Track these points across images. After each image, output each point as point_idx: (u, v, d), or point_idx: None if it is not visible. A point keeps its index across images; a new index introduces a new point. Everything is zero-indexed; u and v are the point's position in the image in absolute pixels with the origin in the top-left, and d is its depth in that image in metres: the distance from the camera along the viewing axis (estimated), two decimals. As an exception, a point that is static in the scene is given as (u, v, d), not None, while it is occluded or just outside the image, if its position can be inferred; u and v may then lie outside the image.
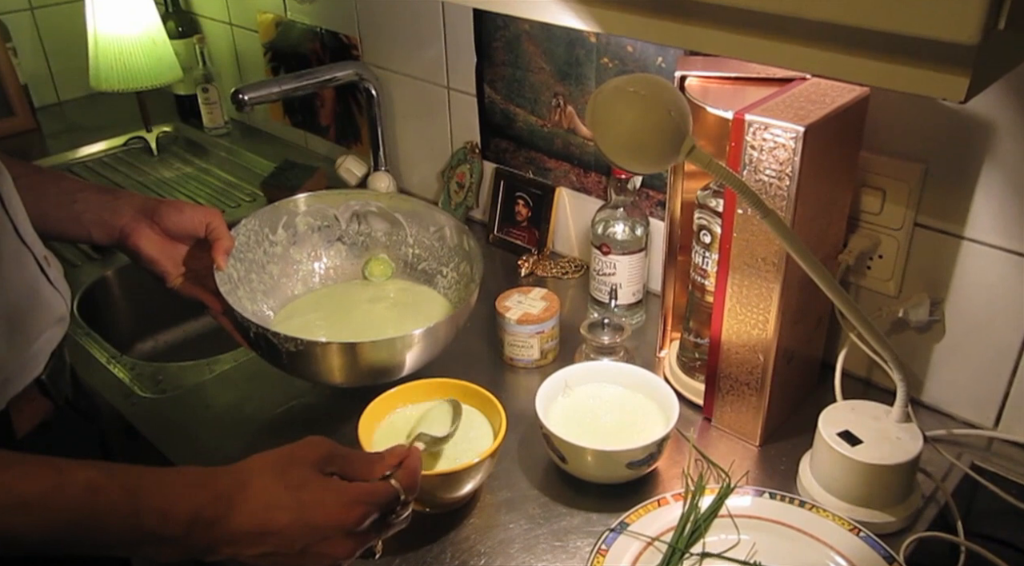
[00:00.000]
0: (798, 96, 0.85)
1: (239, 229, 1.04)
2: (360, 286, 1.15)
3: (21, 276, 0.79)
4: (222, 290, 0.95)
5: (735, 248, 0.88)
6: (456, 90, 1.41)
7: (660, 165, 0.73)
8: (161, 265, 0.94)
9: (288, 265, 1.12)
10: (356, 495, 0.66)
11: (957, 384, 0.98)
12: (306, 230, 1.13)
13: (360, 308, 1.10)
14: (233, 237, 0.99)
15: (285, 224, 1.11)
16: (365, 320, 1.08)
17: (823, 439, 0.85)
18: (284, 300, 1.11)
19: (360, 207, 1.14)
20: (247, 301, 1.04)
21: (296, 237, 1.12)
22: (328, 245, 1.15)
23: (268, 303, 1.08)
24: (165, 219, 0.94)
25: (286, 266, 1.12)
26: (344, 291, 1.14)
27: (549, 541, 0.85)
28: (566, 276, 1.32)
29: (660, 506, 0.86)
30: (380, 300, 1.12)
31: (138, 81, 1.69)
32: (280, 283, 1.11)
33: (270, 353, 0.92)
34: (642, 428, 0.92)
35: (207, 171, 1.76)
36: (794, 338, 0.94)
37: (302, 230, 1.13)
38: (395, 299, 1.12)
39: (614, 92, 0.69)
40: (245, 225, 1.06)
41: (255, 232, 1.08)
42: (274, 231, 1.10)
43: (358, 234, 1.16)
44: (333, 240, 1.15)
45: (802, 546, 0.81)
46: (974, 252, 0.91)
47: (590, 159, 1.26)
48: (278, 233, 1.10)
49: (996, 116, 0.85)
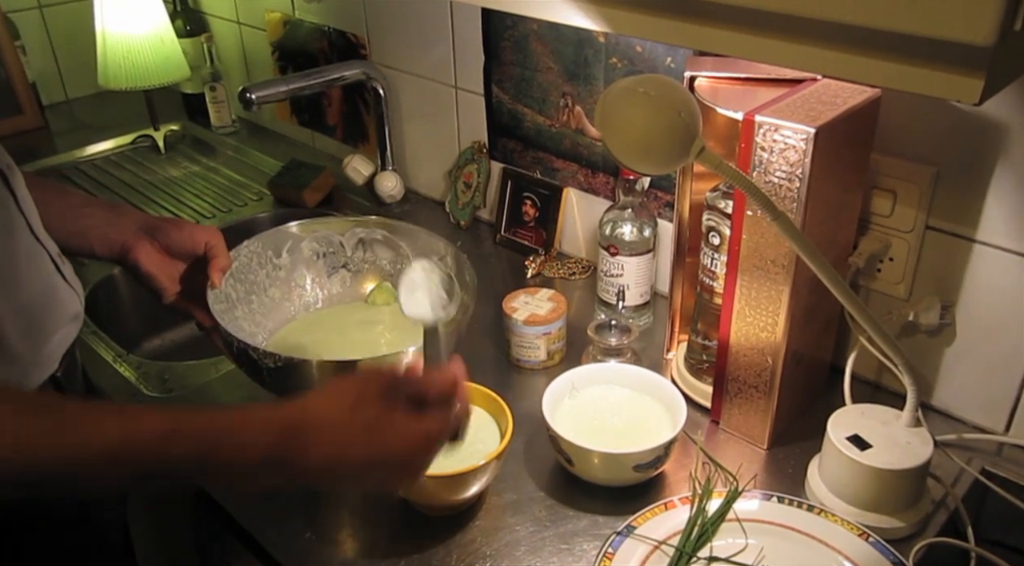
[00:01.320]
0: (809, 97, 0.84)
1: (240, 250, 1.04)
2: (359, 309, 1.14)
3: (38, 274, 0.81)
4: (218, 308, 0.95)
5: (744, 250, 0.88)
6: (464, 90, 1.41)
7: (669, 166, 0.72)
8: (158, 280, 0.95)
9: (290, 289, 1.12)
10: (427, 430, 0.67)
11: (968, 388, 0.97)
12: (310, 255, 1.12)
13: (356, 330, 1.10)
14: (232, 258, 1.00)
15: (290, 248, 1.10)
16: (360, 341, 1.07)
17: (832, 443, 0.85)
18: (282, 322, 1.10)
19: (366, 235, 1.14)
20: (245, 322, 1.03)
21: (299, 262, 1.12)
22: (332, 271, 1.14)
23: (266, 325, 1.08)
24: (165, 236, 0.96)
25: (288, 290, 1.11)
26: (342, 313, 1.13)
27: (555, 544, 0.84)
28: (573, 277, 1.31)
29: (667, 509, 0.85)
30: (377, 323, 1.10)
31: (146, 79, 1.69)
32: (281, 306, 1.10)
33: (252, 369, 0.91)
34: (649, 430, 0.92)
35: (214, 170, 1.76)
36: (803, 341, 0.93)
37: (306, 255, 1.12)
38: (391, 322, 1.10)
39: (623, 93, 0.68)
40: (248, 247, 1.06)
41: (258, 255, 1.07)
42: (278, 255, 1.09)
43: (363, 261, 1.15)
44: (338, 267, 1.14)
45: (810, 551, 0.80)
46: (985, 255, 0.90)
47: (598, 160, 1.26)
48: (282, 257, 1.10)
49: (1009, 118, 0.84)
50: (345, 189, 1.60)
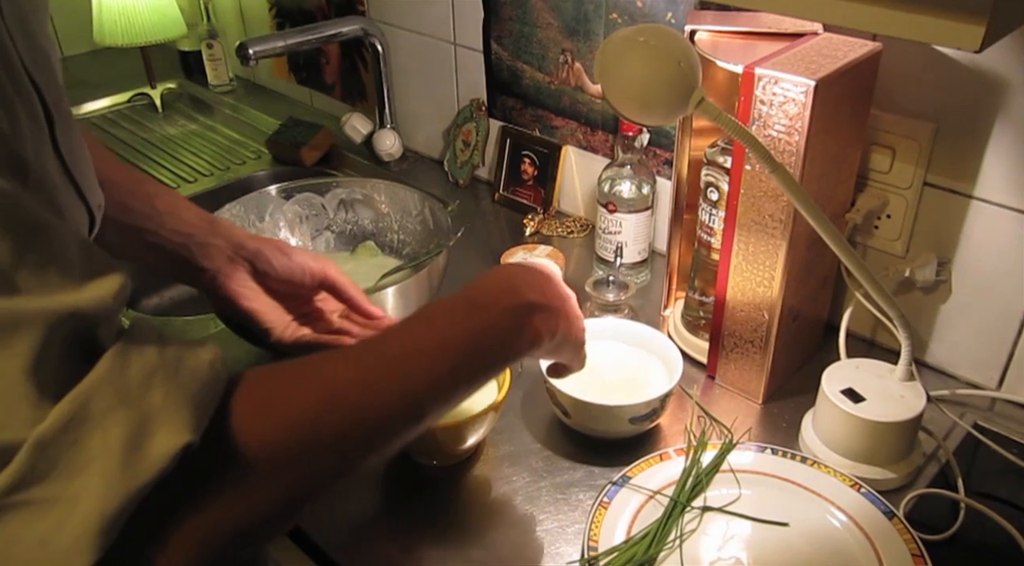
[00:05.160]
0: (809, 51, 0.84)
1: (221, 213, 1.02)
2: (343, 260, 1.14)
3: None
4: None
5: (742, 205, 0.88)
6: (463, 46, 1.39)
7: (669, 117, 0.72)
8: (264, 319, 0.84)
9: None
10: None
11: (962, 345, 0.98)
12: (293, 218, 1.12)
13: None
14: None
15: (272, 212, 1.09)
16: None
17: (826, 396, 0.86)
18: None
19: (347, 195, 1.14)
20: None
21: (283, 225, 1.11)
22: (317, 234, 1.14)
23: None
24: (267, 263, 0.84)
25: None
26: None
27: (552, 493, 0.85)
28: (571, 235, 1.31)
29: (662, 460, 0.86)
30: (365, 269, 1.11)
31: (142, 36, 1.68)
32: None
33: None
34: (646, 384, 0.92)
35: (212, 128, 1.75)
36: (799, 297, 0.93)
37: (289, 218, 1.12)
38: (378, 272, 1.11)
39: (623, 42, 0.68)
40: (228, 210, 1.04)
41: (240, 219, 1.06)
42: (261, 219, 1.08)
43: (345, 222, 1.15)
44: (321, 229, 1.14)
45: (802, 501, 0.82)
46: (983, 212, 0.91)
47: (597, 117, 1.25)
48: (265, 220, 1.09)
49: (1009, 72, 0.84)
50: (343, 147, 1.60)
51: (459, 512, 0.84)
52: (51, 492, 0.39)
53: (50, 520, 0.39)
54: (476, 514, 0.83)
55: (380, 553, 0.79)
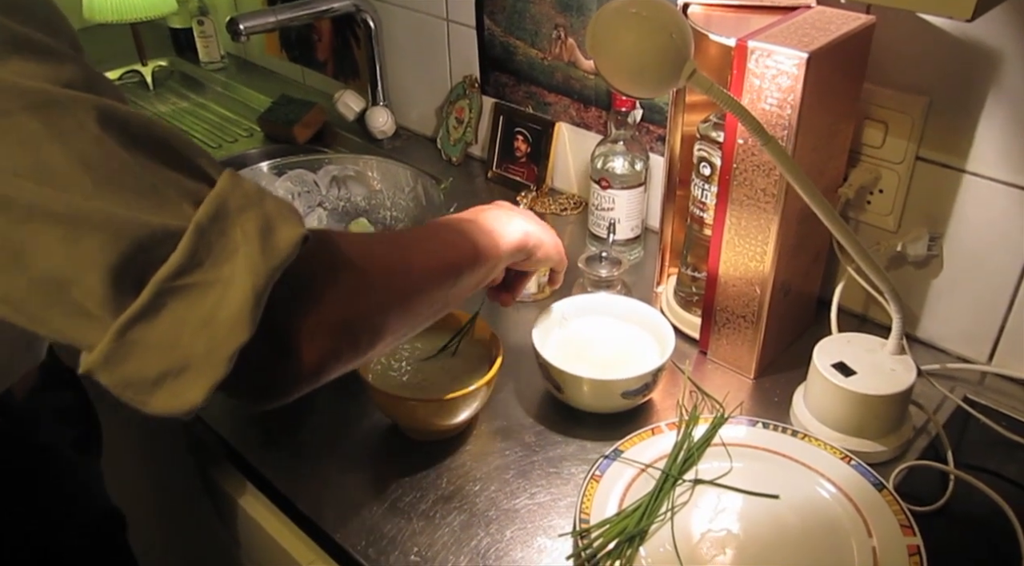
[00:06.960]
0: (802, 23, 0.83)
1: None
2: None
3: None
4: None
5: (735, 180, 0.88)
6: (455, 22, 1.38)
7: (660, 89, 0.72)
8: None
9: None
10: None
11: (953, 320, 0.99)
12: (285, 195, 1.11)
13: None
14: None
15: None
16: None
17: (817, 369, 0.86)
18: None
19: (339, 172, 1.13)
20: None
21: None
22: (309, 210, 1.14)
23: None
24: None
25: None
26: None
27: (544, 467, 0.86)
28: (565, 212, 1.31)
29: (654, 434, 0.86)
30: None
31: (132, 12, 1.67)
32: None
33: None
34: (638, 359, 0.93)
35: (204, 106, 1.74)
36: (791, 271, 0.94)
37: (282, 195, 1.11)
38: None
39: (615, 13, 0.68)
40: None
41: None
42: None
43: (338, 199, 1.14)
44: (314, 206, 1.14)
45: (793, 473, 0.82)
46: (975, 186, 0.91)
47: (590, 93, 1.25)
48: None
49: (1002, 46, 0.83)
50: (336, 125, 1.59)
51: (452, 487, 0.84)
52: (209, 275, 0.46)
53: (210, 300, 0.45)
54: (469, 489, 0.84)
55: (372, 527, 0.80)
